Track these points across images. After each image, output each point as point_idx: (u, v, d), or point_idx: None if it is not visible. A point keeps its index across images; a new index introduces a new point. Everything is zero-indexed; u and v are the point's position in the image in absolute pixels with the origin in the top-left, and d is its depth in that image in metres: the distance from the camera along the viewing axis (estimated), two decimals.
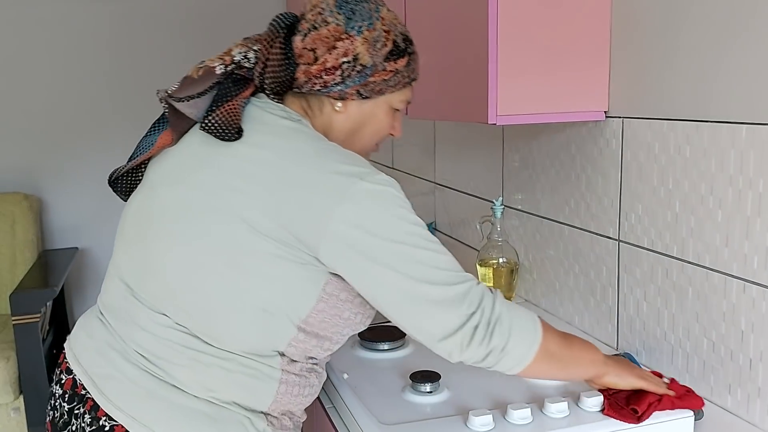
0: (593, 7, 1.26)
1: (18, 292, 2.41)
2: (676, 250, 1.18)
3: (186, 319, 0.96)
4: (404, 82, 1.03)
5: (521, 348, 0.92)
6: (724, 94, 1.06)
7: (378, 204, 0.91)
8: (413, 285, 0.90)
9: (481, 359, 0.92)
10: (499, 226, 1.63)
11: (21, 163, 3.03)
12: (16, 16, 2.94)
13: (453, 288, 0.91)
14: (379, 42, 0.99)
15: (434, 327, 0.91)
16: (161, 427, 0.94)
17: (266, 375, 0.97)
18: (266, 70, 0.99)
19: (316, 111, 1.03)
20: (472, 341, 0.90)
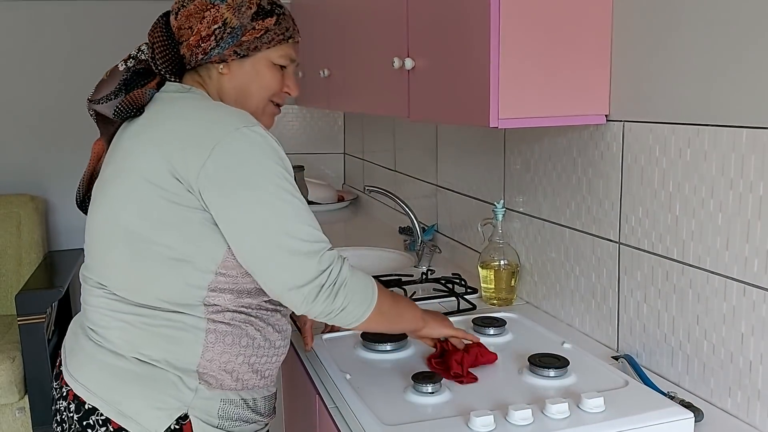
0: (594, 11, 1.27)
1: (24, 293, 2.43)
2: (676, 253, 1.18)
3: (110, 281, 1.07)
4: (278, 39, 1.14)
5: (359, 309, 1.05)
6: (724, 97, 1.07)
7: (252, 150, 0.99)
8: (272, 232, 0.98)
9: (323, 315, 1.03)
10: (500, 228, 1.64)
11: (27, 164, 3.05)
12: (23, 18, 2.96)
13: (308, 244, 1.00)
14: (243, 6, 1.11)
15: (284, 276, 0.99)
16: (96, 386, 1.06)
17: (191, 326, 1.05)
18: (155, 53, 1.12)
19: (206, 79, 1.15)
20: (317, 298, 1.00)
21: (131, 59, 1.16)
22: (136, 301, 1.05)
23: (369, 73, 1.88)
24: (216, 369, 1.07)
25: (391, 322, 1.14)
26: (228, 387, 1.09)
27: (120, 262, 1.06)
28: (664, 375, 1.24)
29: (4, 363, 2.40)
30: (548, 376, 1.17)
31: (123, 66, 1.15)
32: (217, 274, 1.04)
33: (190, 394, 1.05)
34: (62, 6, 2.99)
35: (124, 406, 1.04)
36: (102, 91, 1.13)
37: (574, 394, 1.09)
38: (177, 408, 1.04)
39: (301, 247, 0.99)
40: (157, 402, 1.04)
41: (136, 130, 1.09)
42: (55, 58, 3.02)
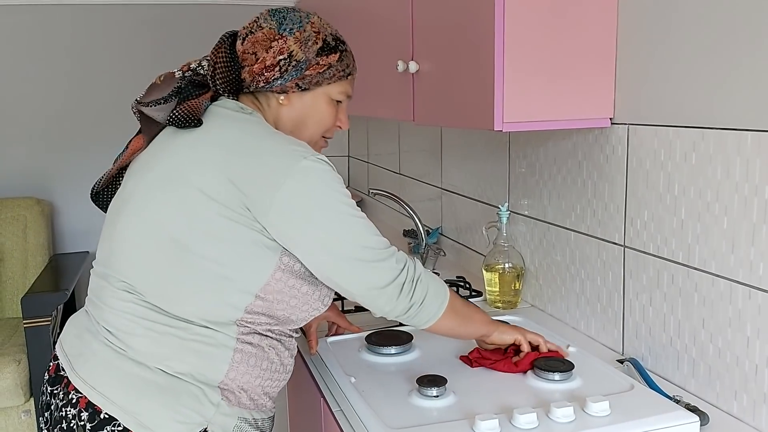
0: (599, 14, 1.27)
1: (29, 296, 2.44)
2: (681, 257, 1.18)
3: (145, 288, 1.04)
4: (339, 75, 1.17)
5: (435, 303, 1.10)
6: (729, 101, 1.07)
7: (319, 178, 1.03)
8: (350, 247, 1.03)
9: (404, 311, 1.08)
10: (505, 231, 1.64)
11: (33, 167, 3.06)
12: (30, 22, 2.97)
13: (381, 251, 1.06)
14: (310, 40, 1.13)
15: (369, 282, 1.05)
16: (116, 395, 1.02)
17: (221, 343, 1.04)
18: (216, 72, 1.13)
19: (264, 106, 1.16)
20: (400, 294, 1.06)
21: (189, 70, 1.15)
22: (170, 312, 1.03)
23: (373, 76, 1.88)
24: (236, 388, 1.06)
25: (463, 321, 1.16)
26: (244, 406, 1.08)
27: (160, 271, 1.03)
28: (669, 378, 1.24)
29: (10, 366, 2.41)
30: (553, 380, 1.17)
31: (179, 74, 1.14)
32: (256, 297, 1.04)
33: (212, 409, 1.04)
34: (69, 10, 3.01)
35: (145, 417, 1.00)
36: (153, 95, 1.12)
37: (580, 397, 1.09)
38: (198, 423, 1.02)
39: (376, 255, 1.05)
40: (178, 415, 1.01)
41: (194, 141, 1.07)
42: (62, 62, 3.03)
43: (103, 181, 1.22)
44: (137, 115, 1.17)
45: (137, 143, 1.18)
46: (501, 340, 1.23)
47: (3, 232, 2.87)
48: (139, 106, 1.13)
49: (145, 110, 1.13)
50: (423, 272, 1.10)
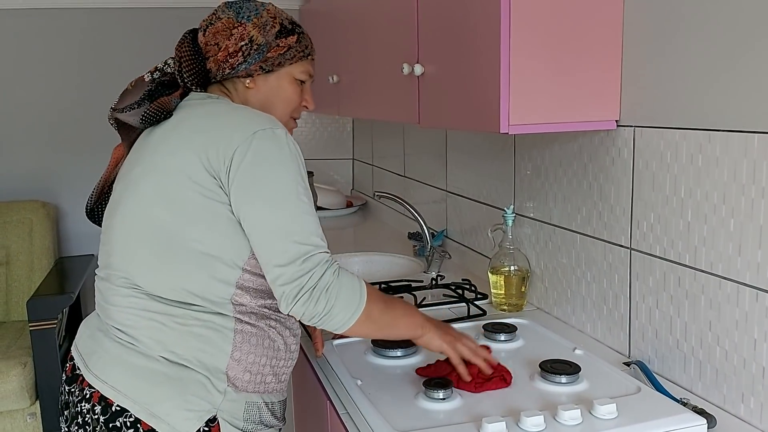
0: (605, 16, 1.27)
1: (35, 299, 2.44)
2: (688, 259, 1.18)
3: (141, 279, 1.08)
4: (300, 56, 1.22)
5: (344, 314, 1.06)
6: (736, 103, 1.06)
7: (276, 151, 1.06)
8: (272, 229, 1.04)
9: (308, 319, 1.05)
10: (510, 234, 1.64)
11: (38, 171, 3.07)
12: (36, 26, 2.99)
13: (297, 246, 1.04)
14: (267, 25, 1.19)
15: (274, 272, 1.04)
16: (126, 387, 1.06)
17: (220, 325, 1.08)
18: (182, 67, 1.18)
19: (232, 92, 1.22)
20: (296, 299, 1.03)
21: (157, 71, 1.21)
22: (167, 298, 1.07)
23: (378, 79, 1.88)
24: (242, 370, 1.10)
25: (382, 328, 1.13)
26: (252, 390, 1.12)
27: (151, 259, 1.08)
28: (676, 381, 1.23)
29: (16, 368, 2.41)
30: (560, 383, 1.16)
31: (149, 77, 1.20)
32: (243, 270, 1.08)
33: (219, 396, 1.07)
34: (75, 14, 3.02)
35: (155, 407, 1.04)
36: (126, 101, 1.18)
37: (587, 400, 1.09)
38: (207, 410, 1.06)
39: (290, 248, 1.03)
40: (187, 404, 1.05)
41: (166, 131, 1.13)
42: (68, 66, 3.05)
43: (95, 196, 1.27)
44: (113, 124, 1.22)
45: (118, 153, 1.24)
46: (427, 347, 1.18)
47: (9, 236, 2.88)
48: (114, 113, 1.19)
49: (120, 116, 1.18)
50: (333, 280, 1.05)
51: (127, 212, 1.11)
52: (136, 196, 1.10)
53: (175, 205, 1.06)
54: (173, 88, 1.21)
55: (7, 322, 2.88)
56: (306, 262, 1.04)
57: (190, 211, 1.06)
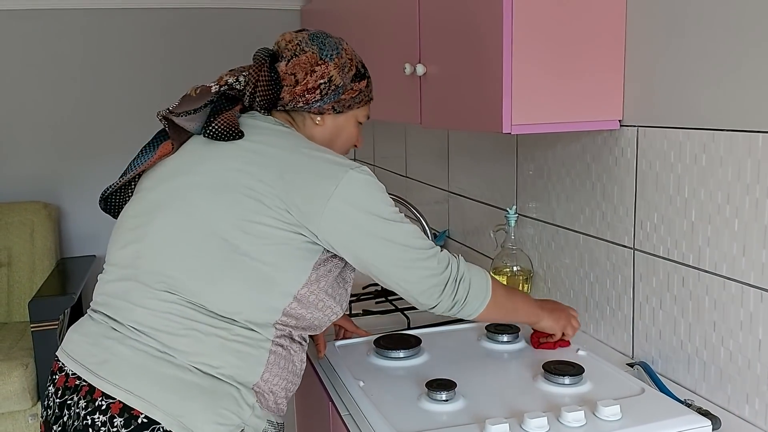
0: (608, 16, 1.27)
1: (36, 300, 2.44)
2: (692, 259, 1.17)
3: (189, 287, 1.05)
4: (365, 100, 1.26)
5: (477, 300, 1.16)
6: (739, 102, 1.06)
7: (366, 188, 1.09)
8: (395, 250, 1.09)
9: (449, 309, 1.15)
10: (513, 234, 1.63)
11: (40, 172, 3.07)
12: (40, 28, 2.99)
13: (427, 251, 1.12)
14: (346, 67, 1.21)
15: (416, 282, 1.11)
16: (156, 398, 1.00)
17: (258, 344, 1.07)
18: (257, 90, 1.16)
19: (299, 124, 1.22)
20: (443, 293, 1.12)
21: (226, 85, 1.18)
22: (214, 312, 1.05)
23: (380, 79, 1.88)
24: (267, 390, 1.09)
25: (506, 312, 1.23)
26: (271, 409, 1.11)
27: (207, 270, 1.04)
28: (680, 382, 1.23)
29: (17, 370, 2.41)
30: (563, 384, 1.16)
31: (216, 88, 1.17)
32: (294, 298, 1.08)
33: (248, 410, 1.05)
34: (78, 16, 3.02)
35: (187, 419, 1.00)
36: (184, 106, 1.15)
37: (590, 401, 1.08)
38: (236, 425, 1.03)
39: (420, 255, 1.11)
40: (219, 417, 1.02)
41: (242, 151, 1.10)
42: (70, 67, 3.05)
43: (118, 185, 1.21)
44: (164, 122, 1.18)
45: (165, 149, 1.18)
46: (543, 330, 1.33)
47: (10, 237, 2.88)
48: (170, 115, 1.16)
49: (175, 120, 1.15)
50: (466, 270, 1.15)
51: (180, 218, 1.07)
52: (198, 205, 1.06)
53: (246, 225, 1.04)
54: (234, 102, 1.18)
55: (9, 323, 2.88)
56: (440, 262, 1.13)
57: (260, 233, 1.04)
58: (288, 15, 3.22)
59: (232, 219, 1.04)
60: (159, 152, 1.18)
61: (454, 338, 1.42)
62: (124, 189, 1.22)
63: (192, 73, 3.12)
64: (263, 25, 3.18)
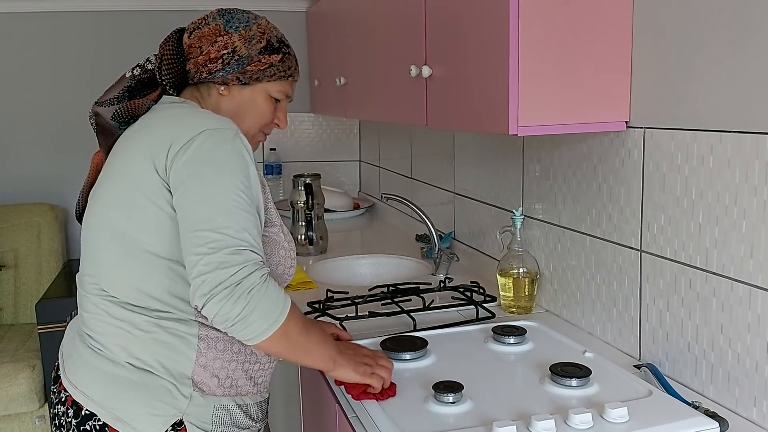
0: (614, 17, 1.26)
1: (43, 301, 2.45)
2: (699, 261, 1.17)
3: (105, 282, 1.10)
4: (279, 75, 1.22)
5: (261, 324, 0.99)
6: (747, 104, 1.06)
7: (219, 148, 1.05)
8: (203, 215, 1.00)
9: (221, 321, 0.98)
10: (519, 236, 1.63)
11: (47, 173, 3.08)
12: (44, 29, 3.00)
13: (229, 239, 0.99)
14: (254, 39, 1.19)
15: (195, 263, 0.98)
16: (94, 393, 1.09)
17: (184, 332, 1.09)
18: (163, 64, 1.19)
19: (205, 96, 1.22)
20: (211, 295, 0.96)
21: (138, 68, 1.23)
22: (132, 304, 1.09)
23: (386, 81, 1.88)
24: (209, 375, 1.11)
25: (295, 350, 1.07)
26: (221, 393, 1.12)
27: (113, 263, 1.10)
28: (687, 384, 1.22)
29: (25, 371, 2.42)
30: (570, 386, 1.16)
31: (130, 73, 1.23)
32: None
33: (184, 401, 1.09)
34: (84, 17, 3.03)
35: (121, 412, 1.07)
36: (107, 95, 1.22)
37: (598, 403, 1.08)
38: (173, 415, 1.08)
39: (218, 238, 0.98)
40: (153, 408, 1.07)
41: (128, 136, 1.16)
42: (76, 68, 3.06)
43: (81, 202, 1.27)
44: (93, 126, 1.23)
45: (97, 159, 1.24)
46: (342, 380, 1.16)
47: (17, 238, 2.89)
48: (95, 106, 1.22)
49: (98, 109, 1.21)
50: (259, 284, 0.98)
51: (91, 217, 1.14)
52: (99, 201, 1.13)
53: (129, 209, 1.08)
54: (153, 86, 1.23)
55: (16, 324, 2.89)
56: (235, 255, 0.97)
57: (143, 215, 1.07)
58: (293, 17, 3.22)
59: (121, 210, 1.09)
60: (93, 165, 1.24)
61: (460, 340, 1.42)
62: None
63: None
64: None
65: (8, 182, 3.04)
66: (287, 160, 3.36)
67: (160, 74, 1.20)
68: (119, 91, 1.21)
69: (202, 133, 1.06)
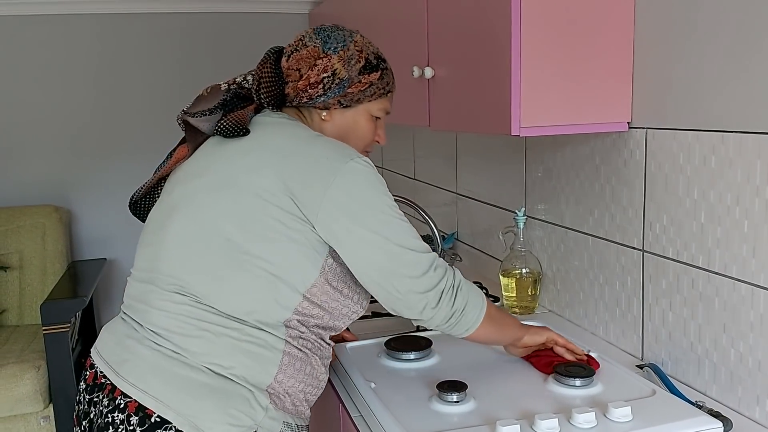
0: (616, 18, 1.27)
1: (48, 303, 2.46)
2: (702, 261, 1.18)
3: (199, 289, 1.06)
4: (379, 93, 1.20)
5: (474, 312, 1.10)
6: (749, 104, 1.06)
7: (366, 179, 1.06)
8: (393, 247, 1.05)
9: (445, 320, 1.08)
10: (522, 236, 1.64)
11: (51, 175, 3.09)
12: (51, 32, 3.01)
13: (424, 255, 1.07)
14: (353, 59, 1.16)
15: (410, 287, 1.05)
16: (168, 398, 1.02)
17: (271, 345, 1.06)
18: (261, 86, 1.16)
19: (307, 119, 1.20)
20: (440, 301, 1.07)
21: (235, 84, 1.20)
22: (224, 312, 1.05)
23: None
24: (282, 392, 1.08)
25: (499, 328, 1.18)
26: (287, 411, 1.10)
27: (212, 271, 1.06)
28: (690, 384, 1.23)
29: (29, 372, 2.43)
30: (574, 385, 1.16)
31: (225, 87, 1.19)
32: (304, 297, 1.07)
33: (261, 412, 1.05)
34: (90, 20, 3.05)
35: (199, 419, 1.01)
36: (198, 106, 1.17)
37: (601, 403, 1.09)
38: (249, 426, 1.03)
39: (417, 258, 1.06)
40: (230, 418, 1.02)
41: (245, 147, 1.11)
42: (81, 72, 3.07)
43: (143, 190, 1.25)
44: (182, 125, 1.20)
45: (181, 153, 1.21)
46: (533, 341, 1.25)
47: (22, 240, 2.90)
48: (185, 116, 1.17)
49: (191, 120, 1.16)
50: (462, 280, 1.11)
51: (190, 220, 1.09)
52: (205, 206, 1.08)
53: (249, 222, 1.04)
54: (248, 101, 1.19)
55: (21, 325, 2.90)
56: (438, 268, 1.07)
57: (264, 231, 1.04)
58: (296, 19, 3.23)
59: (235, 219, 1.05)
60: (175, 156, 1.21)
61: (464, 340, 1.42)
62: (151, 193, 1.25)
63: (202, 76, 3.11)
64: (271, 28, 3.20)
65: (13, 184, 3.06)
66: None
67: (258, 96, 1.16)
68: (214, 103, 1.15)
69: (347, 164, 1.04)
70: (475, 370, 1.27)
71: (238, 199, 1.06)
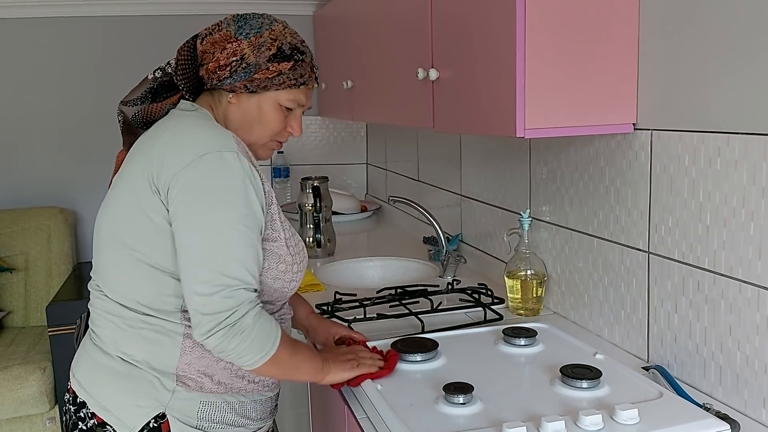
0: (621, 18, 1.27)
1: (54, 304, 2.47)
2: (707, 263, 1.18)
3: (103, 282, 1.17)
4: (289, 83, 1.20)
5: (253, 356, 1.09)
6: (754, 105, 1.06)
7: (220, 174, 1.07)
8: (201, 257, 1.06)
9: (217, 352, 1.09)
10: (526, 238, 1.64)
11: (56, 177, 3.10)
12: (54, 33, 3.02)
13: (226, 278, 1.05)
14: (263, 46, 1.18)
15: (196, 299, 1.06)
16: (87, 382, 1.16)
17: (170, 330, 1.13)
18: (178, 70, 1.21)
19: (217, 103, 1.23)
20: (212, 332, 1.05)
21: (159, 71, 1.26)
22: (124, 304, 1.14)
23: (393, 84, 1.89)
24: (195, 372, 1.14)
25: (286, 371, 1.18)
26: (208, 390, 1.16)
27: (111, 267, 1.15)
28: (696, 386, 1.23)
29: (35, 373, 2.44)
30: (581, 388, 1.16)
31: (152, 76, 1.25)
32: None
33: (167, 394, 1.13)
34: (93, 22, 3.06)
35: (107, 401, 1.13)
36: (132, 95, 1.25)
37: (608, 405, 1.09)
38: (155, 407, 1.12)
39: (215, 279, 1.05)
40: (136, 399, 1.12)
41: (140, 142, 1.19)
42: (85, 73, 3.08)
43: None
44: (120, 123, 1.27)
45: (121, 157, 1.27)
46: (336, 381, 1.23)
47: (27, 242, 2.91)
48: (121, 105, 1.25)
49: (123, 108, 1.24)
50: (251, 324, 1.07)
51: (98, 219, 1.19)
52: (105, 205, 1.18)
53: (126, 217, 1.12)
54: (174, 90, 1.24)
55: (26, 327, 2.91)
56: (230, 298, 1.05)
57: (136, 225, 1.11)
58: (300, 21, 3.23)
59: (118, 213, 1.14)
60: (116, 164, 1.27)
61: (471, 341, 1.43)
62: None
63: None
64: None
65: (19, 186, 3.07)
66: (295, 163, 3.38)
67: (176, 79, 1.22)
68: (142, 92, 1.23)
69: (201, 158, 1.06)
70: (482, 372, 1.27)
71: (120, 193, 1.15)
